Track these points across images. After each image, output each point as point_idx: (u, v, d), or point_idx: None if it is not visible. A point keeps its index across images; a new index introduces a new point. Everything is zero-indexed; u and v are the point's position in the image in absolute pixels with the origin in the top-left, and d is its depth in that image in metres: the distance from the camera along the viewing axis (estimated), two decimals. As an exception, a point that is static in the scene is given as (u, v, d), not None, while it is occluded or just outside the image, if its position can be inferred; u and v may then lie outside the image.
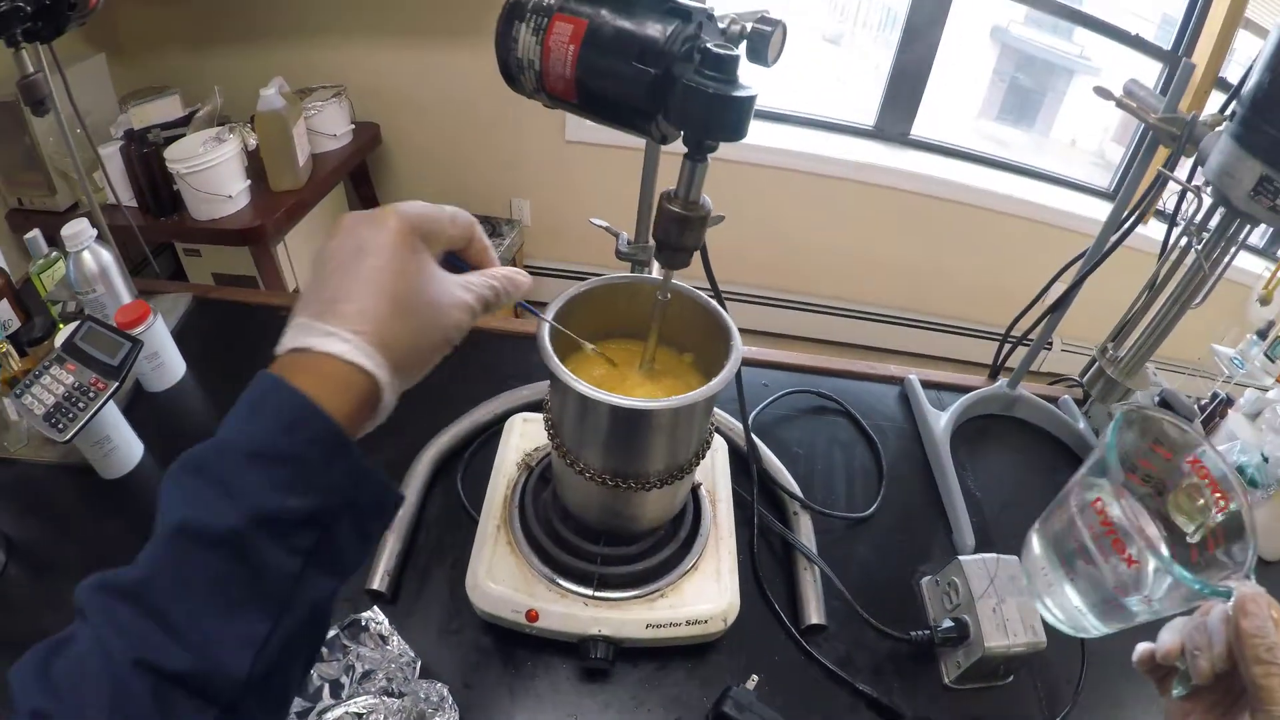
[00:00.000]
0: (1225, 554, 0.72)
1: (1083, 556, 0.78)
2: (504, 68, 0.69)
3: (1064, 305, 1.22)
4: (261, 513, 0.43)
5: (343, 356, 0.47)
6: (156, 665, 0.40)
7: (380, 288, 0.50)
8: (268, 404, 0.46)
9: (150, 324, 1.13)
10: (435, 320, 0.53)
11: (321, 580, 0.47)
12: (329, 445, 0.46)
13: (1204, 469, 0.77)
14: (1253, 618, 0.55)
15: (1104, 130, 3.87)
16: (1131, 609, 0.75)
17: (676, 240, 0.71)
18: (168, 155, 2.22)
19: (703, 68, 0.59)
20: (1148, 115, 1.00)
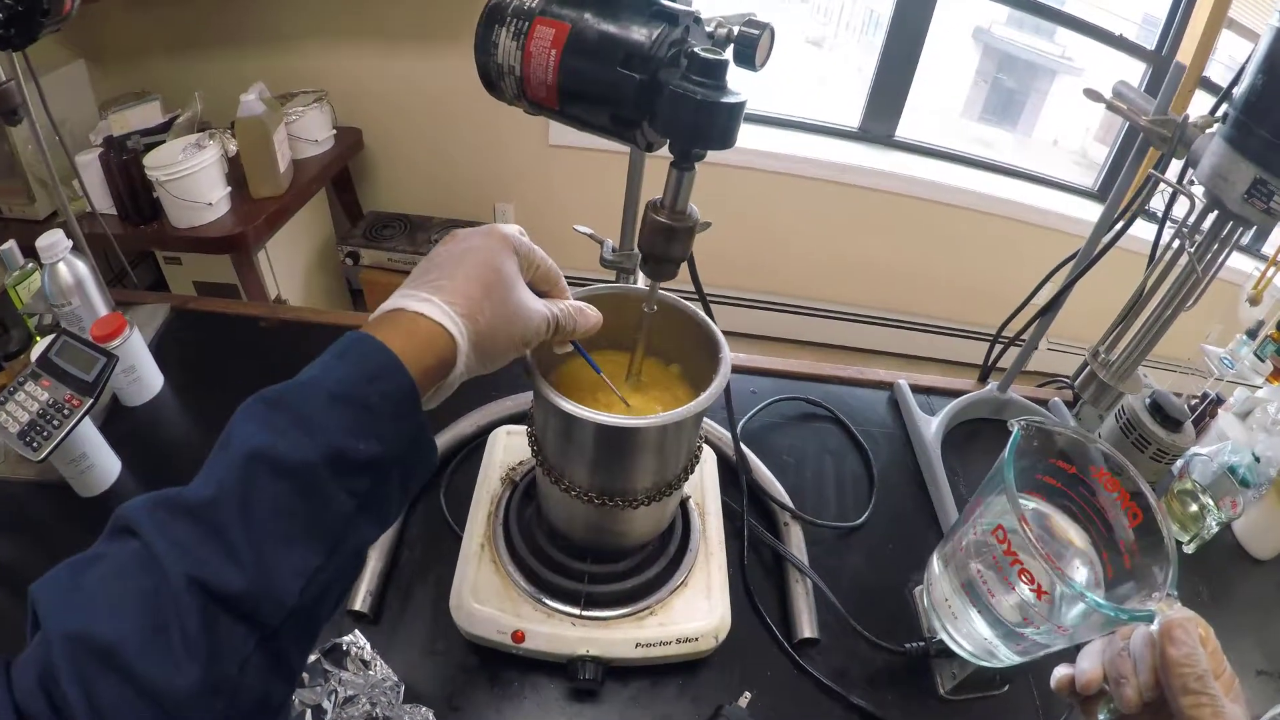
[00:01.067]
0: (1148, 568, 0.70)
1: (987, 585, 0.76)
2: (484, 74, 0.67)
3: (1054, 308, 1.21)
4: (335, 452, 0.46)
5: (431, 316, 0.54)
6: (211, 584, 0.41)
7: (476, 276, 0.57)
8: (354, 352, 0.50)
9: (126, 337, 1.10)
10: (515, 318, 0.59)
11: (367, 525, 0.50)
12: (403, 400, 0.50)
13: (1111, 479, 0.75)
14: (1180, 645, 0.54)
15: (1086, 130, 3.92)
16: (1044, 642, 0.73)
17: (663, 251, 0.68)
18: (147, 162, 2.18)
19: (690, 73, 0.57)
20: (1138, 117, 0.99)
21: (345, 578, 0.51)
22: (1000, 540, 0.72)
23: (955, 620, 0.82)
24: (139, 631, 0.39)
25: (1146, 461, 1.24)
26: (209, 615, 0.41)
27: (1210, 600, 1.17)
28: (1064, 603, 0.71)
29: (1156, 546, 0.69)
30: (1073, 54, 3.97)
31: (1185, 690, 0.52)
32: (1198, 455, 1.26)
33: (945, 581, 0.84)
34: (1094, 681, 0.59)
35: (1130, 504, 0.73)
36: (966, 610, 0.79)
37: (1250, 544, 1.26)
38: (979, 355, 1.44)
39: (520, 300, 0.60)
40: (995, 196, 3.11)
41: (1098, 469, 0.76)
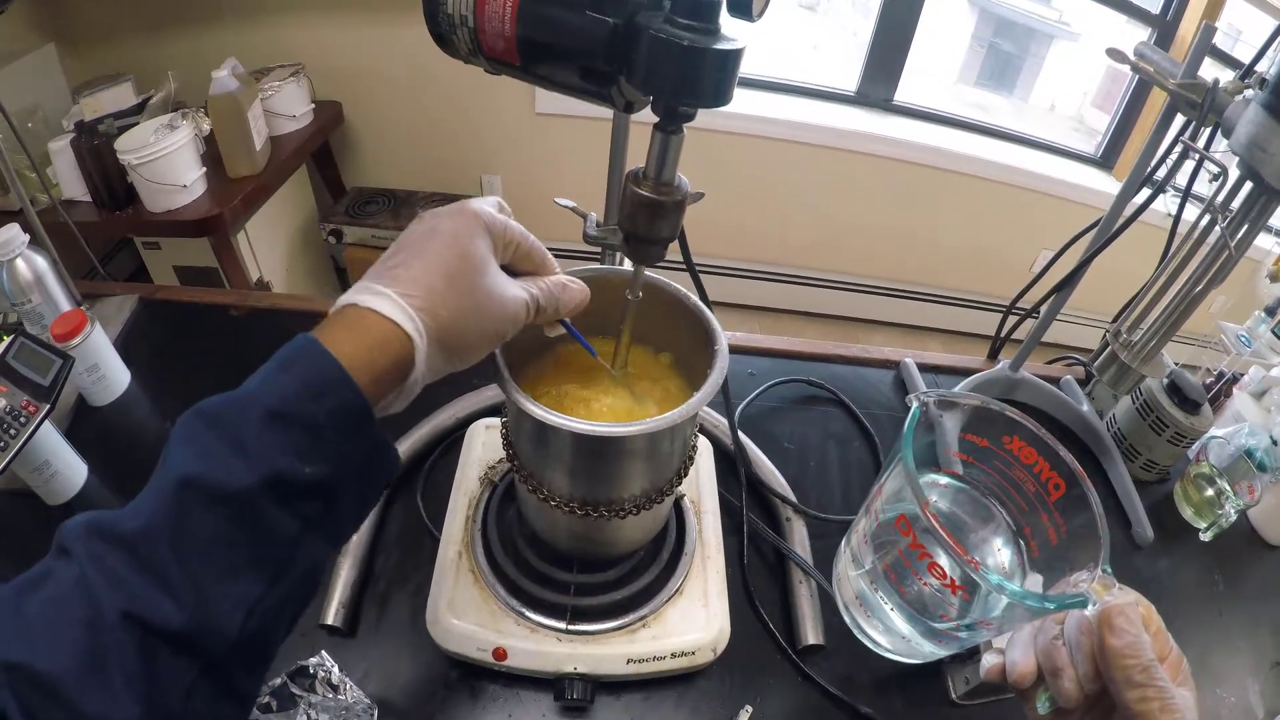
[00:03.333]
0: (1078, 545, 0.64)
1: (898, 580, 0.69)
2: (433, 27, 0.57)
3: (1071, 284, 1.15)
4: (274, 476, 0.42)
5: (383, 312, 0.48)
6: (147, 620, 0.39)
7: (438, 263, 0.51)
8: (298, 364, 0.46)
9: (87, 334, 1.03)
10: (486, 307, 0.53)
11: (319, 545, 0.47)
12: (352, 417, 0.46)
13: (1026, 449, 0.68)
14: (1121, 634, 0.49)
15: (1083, 95, 3.87)
16: (967, 639, 0.67)
17: (647, 230, 0.59)
18: (118, 146, 2.12)
19: (675, 15, 0.48)
20: (1165, 81, 0.92)
21: (297, 600, 0.48)
22: (905, 532, 0.65)
23: (869, 619, 0.75)
24: (78, 666, 0.38)
25: (1164, 445, 1.20)
26: (147, 649, 0.39)
27: (1226, 589, 1.12)
28: (983, 595, 0.65)
29: (1084, 520, 0.63)
30: (1070, 18, 3.91)
31: (1130, 683, 0.48)
32: (1214, 438, 1.21)
33: (852, 579, 0.77)
34: (1027, 674, 0.55)
35: (1051, 474, 0.66)
36: (880, 607, 0.73)
37: (1266, 529, 1.22)
38: (983, 325, 1.39)
39: (491, 287, 0.54)
40: (996, 162, 3.06)
41: (1010, 439, 0.69)
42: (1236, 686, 1.00)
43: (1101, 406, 1.33)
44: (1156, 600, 1.09)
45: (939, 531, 0.57)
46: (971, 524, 0.75)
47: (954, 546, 0.56)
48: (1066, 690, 0.52)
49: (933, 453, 0.74)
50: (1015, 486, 0.71)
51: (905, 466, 0.61)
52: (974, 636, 0.66)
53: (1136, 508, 1.17)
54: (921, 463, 0.68)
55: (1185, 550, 1.16)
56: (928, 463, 0.74)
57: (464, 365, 0.55)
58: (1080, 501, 0.63)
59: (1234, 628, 1.07)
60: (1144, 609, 0.53)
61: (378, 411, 0.50)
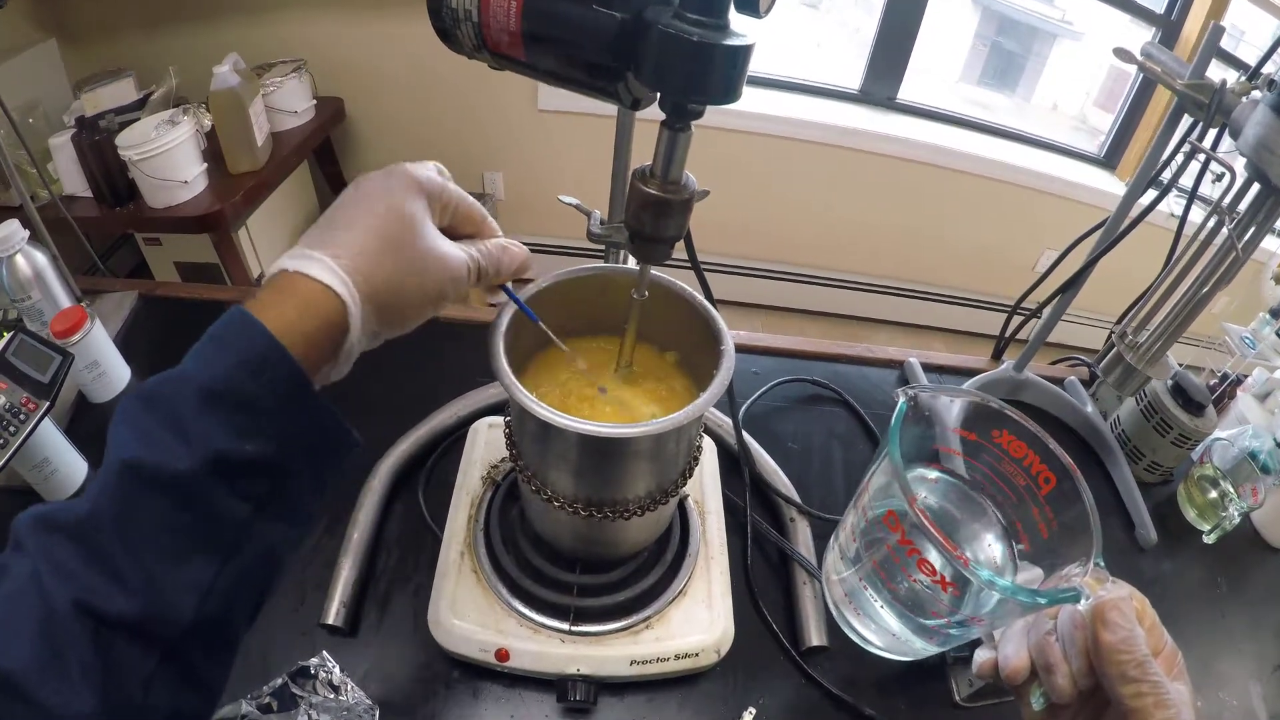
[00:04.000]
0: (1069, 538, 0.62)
1: (887, 577, 0.68)
2: (436, 22, 0.57)
3: (1076, 285, 1.14)
4: (216, 457, 0.42)
5: (314, 275, 0.47)
6: (99, 609, 0.39)
7: (371, 225, 0.50)
8: (230, 340, 0.44)
9: (87, 330, 1.03)
10: (423, 268, 0.52)
11: (273, 526, 0.46)
12: (291, 389, 0.45)
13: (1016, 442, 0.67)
14: (1115, 629, 0.48)
15: (1085, 95, 3.86)
16: (959, 635, 0.66)
17: (653, 229, 0.59)
18: (119, 142, 2.10)
19: (685, 10, 0.47)
20: (1173, 81, 0.91)
21: (255, 582, 0.47)
22: (893, 528, 0.64)
23: (860, 616, 0.74)
24: (35, 659, 0.37)
25: (1168, 446, 1.19)
26: (101, 639, 0.39)
27: (1228, 591, 1.12)
28: (974, 592, 0.64)
29: (1076, 513, 0.62)
30: (1073, 17, 3.90)
31: (1124, 679, 0.47)
32: (1218, 440, 1.21)
33: (842, 577, 0.75)
34: (1020, 670, 0.54)
35: (1041, 468, 0.65)
36: (870, 604, 0.71)
37: (1270, 532, 1.21)
38: (985, 324, 1.39)
39: (428, 247, 0.52)
40: (1000, 161, 3.05)
41: (1000, 433, 0.68)
42: (1239, 690, 0.99)
43: (1106, 408, 1.32)
44: (1159, 602, 1.08)
45: (928, 527, 0.56)
46: (961, 519, 0.73)
47: (943, 542, 0.55)
48: (1060, 686, 0.51)
49: (921, 447, 0.73)
50: (1005, 480, 0.70)
51: (892, 461, 0.59)
52: (965, 633, 0.65)
53: (1140, 509, 1.16)
54: (910, 458, 0.68)
55: (1188, 552, 1.16)
56: (917, 458, 0.73)
57: (403, 329, 0.54)
58: (1071, 495, 0.62)
59: (1237, 631, 1.07)
60: (1137, 603, 0.52)
61: (317, 380, 0.49)
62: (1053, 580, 0.60)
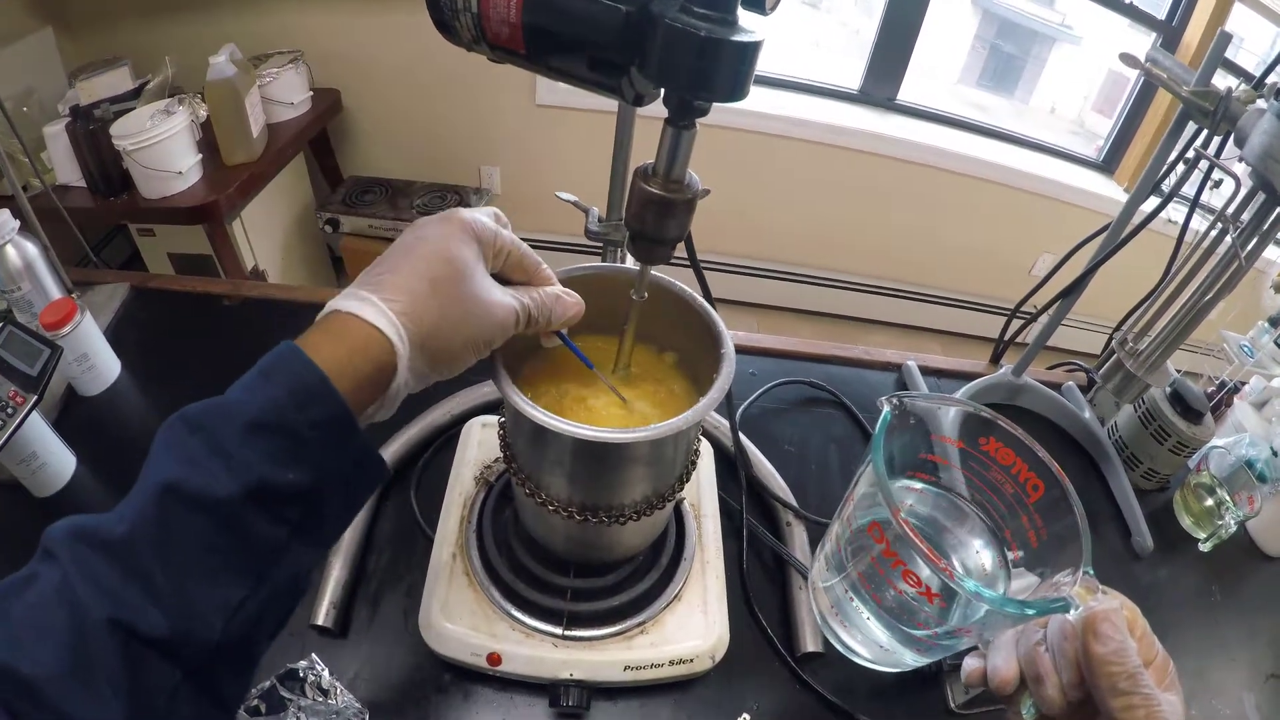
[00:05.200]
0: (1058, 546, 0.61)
1: (872, 588, 0.66)
2: (435, 13, 0.55)
3: (1077, 290, 1.13)
4: (257, 484, 0.43)
5: (365, 318, 0.48)
6: (133, 627, 0.39)
7: (424, 268, 0.51)
8: (280, 373, 0.46)
9: (77, 323, 1.01)
10: (472, 312, 0.53)
11: (304, 551, 0.47)
12: (335, 426, 0.46)
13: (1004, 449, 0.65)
14: (1106, 641, 0.47)
15: (1084, 99, 3.87)
16: (949, 646, 0.64)
17: (655, 230, 0.57)
18: (114, 131, 2.09)
19: (691, 4, 0.46)
20: (1179, 88, 0.91)
21: (280, 605, 0.48)
22: (877, 539, 0.62)
23: (846, 628, 0.72)
24: (63, 668, 0.38)
25: (1165, 454, 1.19)
26: (131, 654, 0.39)
27: (1223, 600, 1.12)
28: (961, 602, 0.63)
29: (1065, 521, 0.60)
30: (1072, 21, 3.91)
31: (1115, 691, 0.46)
32: (1215, 448, 1.20)
33: (828, 587, 0.73)
34: (1009, 681, 0.52)
35: (1029, 475, 0.64)
36: (857, 616, 0.69)
37: (1264, 541, 1.21)
38: (982, 326, 1.38)
39: (477, 293, 0.53)
40: (998, 164, 3.05)
41: (987, 440, 0.66)
42: (1232, 699, 0.99)
43: (1103, 414, 1.32)
44: (1154, 610, 1.07)
45: (912, 538, 0.54)
46: (950, 527, 0.72)
47: (927, 553, 0.54)
48: (1049, 698, 0.50)
49: (909, 456, 0.72)
50: (994, 488, 0.68)
51: (875, 471, 0.59)
52: (954, 644, 0.63)
53: (1137, 517, 1.16)
54: (897, 467, 0.67)
55: (1184, 560, 1.16)
56: (904, 466, 0.72)
57: (450, 373, 0.55)
58: (1060, 503, 0.61)
59: (1231, 639, 1.07)
60: (1129, 612, 0.51)
61: (362, 420, 0.50)
62: (1043, 589, 0.58)
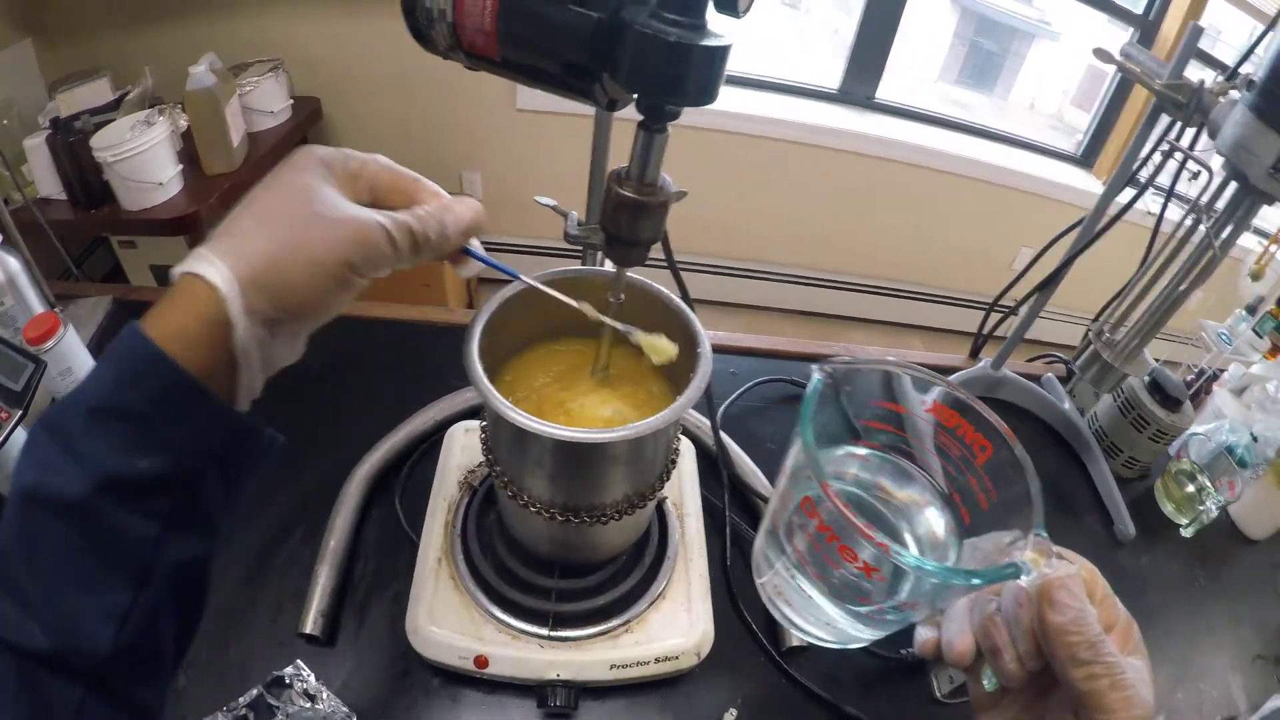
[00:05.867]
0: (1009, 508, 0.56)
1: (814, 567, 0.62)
2: (411, 22, 0.56)
3: (1054, 283, 1.15)
4: (108, 476, 0.39)
5: (190, 270, 0.42)
6: (16, 644, 0.38)
7: (257, 207, 0.46)
8: (115, 351, 0.41)
9: (61, 337, 1.01)
10: (314, 230, 0.45)
11: (187, 542, 0.43)
12: (179, 396, 0.41)
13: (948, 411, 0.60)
14: (1063, 609, 0.44)
15: (1063, 94, 3.90)
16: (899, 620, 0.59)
17: (629, 233, 0.58)
18: (94, 143, 2.07)
19: (662, 10, 0.47)
20: (1151, 81, 0.92)
21: (180, 601, 0.44)
22: (810, 514, 0.57)
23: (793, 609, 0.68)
24: None
25: (1145, 442, 1.21)
26: (25, 672, 0.38)
27: (1207, 584, 1.14)
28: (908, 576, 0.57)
29: (1014, 481, 0.56)
30: (1050, 17, 3.94)
31: (1075, 661, 0.43)
32: (1195, 435, 1.23)
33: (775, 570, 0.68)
34: (964, 654, 0.49)
35: (975, 436, 0.60)
36: (802, 596, 0.65)
37: (1246, 524, 1.24)
38: (963, 322, 1.39)
39: (319, 211, 0.45)
40: (977, 160, 3.07)
41: (929, 404, 0.62)
42: (1219, 681, 1.01)
43: (1083, 404, 1.33)
44: (1139, 596, 1.08)
45: (842, 512, 0.49)
46: (896, 494, 0.68)
47: (858, 527, 0.49)
48: (1008, 670, 0.47)
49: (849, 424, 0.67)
50: (941, 451, 0.64)
51: (804, 444, 0.53)
52: (906, 617, 0.58)
53: (1118, 504, 1.18)
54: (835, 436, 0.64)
55: (1167, 546, 1.17)
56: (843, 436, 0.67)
57: (309, 312, 0.46)
58: (1008, 463, 0.57)
59: (1215, 622, 1.09)
60: (1087, 573, 0.48)
61: (239, 395, 0.45)
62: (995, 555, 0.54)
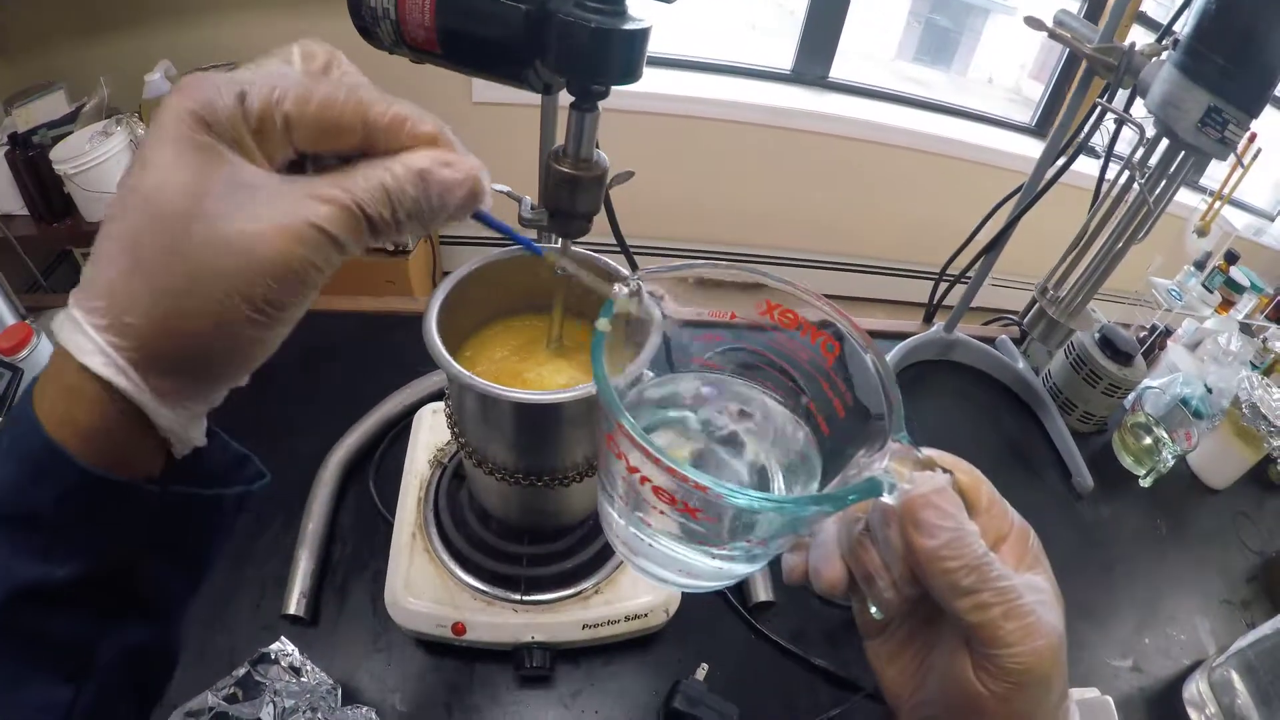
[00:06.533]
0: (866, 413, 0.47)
1: (643, 515, 0.50)
2: (356, 20, 0.59)
3: (998, 246, 1.19)
4: (22, 590, 0.33)
5: (67, 348, 0.31)
6: None
7: (125, 233, 0.31)
8: (12, 442, 0.34)
9: (34, 346, 1.02)
10: (210, 268, 0.31)
11: (132, 629, 0.37)
12: (88, 495, 0.33)
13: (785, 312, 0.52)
14: (933, 533, 0.36)
15: (1020, 68, 3.95)
16: (762, 554, 0.48)
17: (569, 206, 0.62)
18: (54, 156, 2.08)
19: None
20: (1083, 46, 0.96)
21: (135, 685, 0.39)
22: (618, 455, 0.45)
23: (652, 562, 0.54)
24: None
25: (1098, 396, 1.25)
26: None
27: (1169, 533, 1.18)
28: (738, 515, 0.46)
29: (865, 381, 0.47)
30: (1004, -8, 3.98)
31: (957, 590, 0.36)
32: (1149, 388, 1.27)
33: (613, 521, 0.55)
34: (834, 583, 0.42)
35: (820, 334, 0.51)
36: (647, 545, 0.52)
37: (1205, 474, 1.28)
38: (923, 294, 1.42)
39: (210, 230, 0.31)
40: (932, 135, 3.10)
41: (762, 305, 0.54)
42: (1186, 625, 1.05)
43: (1037, 363, 1.38)
44: (1102, 547, 1.12)
45: (641, 447, 0.39)
46: (744, 419, 0.59)
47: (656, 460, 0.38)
48: (884, 599, 0.40)
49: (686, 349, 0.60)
50: (786, 358, 0.55)
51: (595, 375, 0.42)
52: (766, 552, 0.48)
53: (1075, 457, 1.22)
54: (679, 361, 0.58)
55: (1127, 498, 1.22)
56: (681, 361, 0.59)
57: (229, 367, 0.35)
58: (856, 360, 0.48)
59: (1181, 570, 1.13)
60: (967, 479, 0.41)
61: (176, 446, 0.36)
62: (853, 469, 0.45)
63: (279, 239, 0.31)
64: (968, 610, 0.36)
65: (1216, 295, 1.67)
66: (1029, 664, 0.35)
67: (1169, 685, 0.98)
